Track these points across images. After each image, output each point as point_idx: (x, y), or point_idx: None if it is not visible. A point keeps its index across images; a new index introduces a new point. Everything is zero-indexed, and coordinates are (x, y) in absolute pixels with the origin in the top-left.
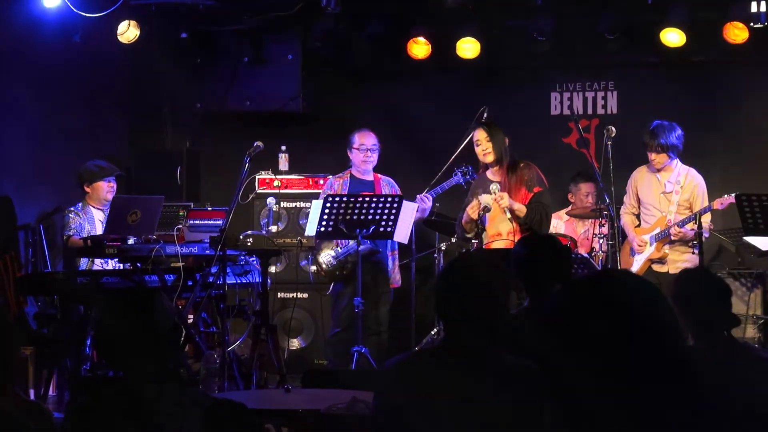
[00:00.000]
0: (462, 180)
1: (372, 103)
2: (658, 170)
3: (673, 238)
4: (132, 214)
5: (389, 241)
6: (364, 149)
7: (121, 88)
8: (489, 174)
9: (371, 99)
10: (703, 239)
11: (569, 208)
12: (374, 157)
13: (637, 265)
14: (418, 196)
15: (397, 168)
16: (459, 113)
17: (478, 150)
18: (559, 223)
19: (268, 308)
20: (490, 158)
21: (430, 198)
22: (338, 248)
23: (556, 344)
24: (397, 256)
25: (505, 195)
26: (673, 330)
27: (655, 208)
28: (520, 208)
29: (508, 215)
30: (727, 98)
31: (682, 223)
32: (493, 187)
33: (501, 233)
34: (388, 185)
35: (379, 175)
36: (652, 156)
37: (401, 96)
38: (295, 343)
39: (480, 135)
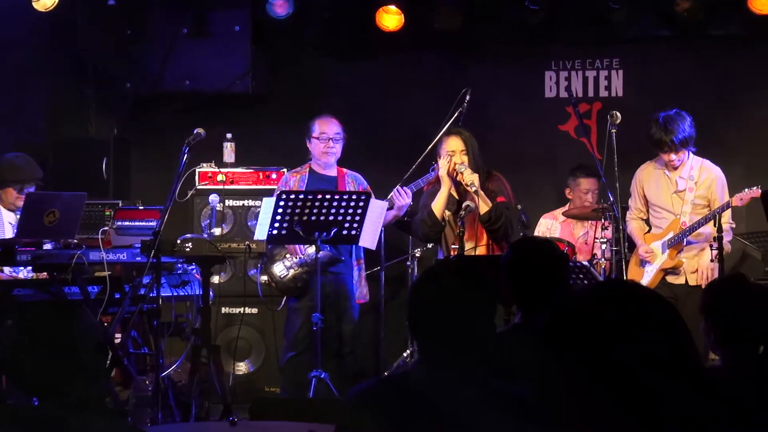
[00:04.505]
0: None
1: (334, 84)
2: (674, 168)
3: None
4: (49, 214)
5: (354, 248)
6: (325, 138)
7: (37, 64)
8: (452, 191)
9: (333, 78)
10: (725, 243)
11: (566, 207)
12: (337, 148)
13: (648, 276)
14: (394, 189)
15: (363, 160)
16: (437, 95)
17: (446, 162)
18: (554, 225)
19: (210, 326)
20: (468, 176)
21: (409, 193)
22: (293, 257)
23: (550, 367)
24: (363, 265)
25: (476, 176)
26: (689, 352)
27: (666, 211)
28: (486, 199)
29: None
30: (752, 78)
31: (698, 225)
32: (461, 167)
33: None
34: (354, 182)
35: (344, 170)
36: (671, 156)
37: (369, 75)
38: (242, 367)
39: (455, 144)
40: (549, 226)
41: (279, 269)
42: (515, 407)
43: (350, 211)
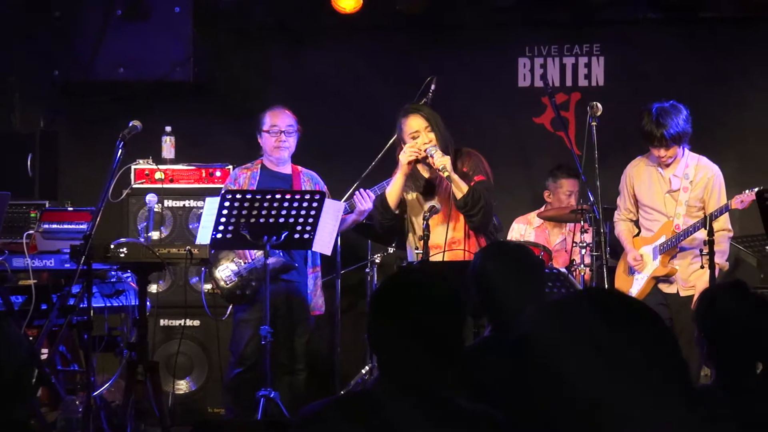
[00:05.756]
0: None
1: (286, 72)
2: (666, 165)
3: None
4: None
5: (309, 254)
6: (276, 131)
7: None
8: (423, 172)
9: (285, 66)
10: (723, 262)
11: (542, 209)
12: (290, 142)
13: (638, 284)
14: (356, 192)
15: (319, 156)
16: (400, 84)
17: (410, 148)
18: (527, 230)
19: (147, 340)
20: (439, 159)
21: (372, 196)
22: (241, 261)
23: (523, 384)
24: (319, 273)
25: (448, 159)
26: (679, 371)
27: (658, 212)
28: (461, 183)
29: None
30: (745, 65)
31: (693, 229)
32: (431, 149)
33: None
34: (310, 180)
35: (299, 168)
36: (661, 152)
37: (324, 62)
38: (182, 386)
39: (416, 124)
40: (522, 231)
41: (224, 274)
42: (485, 429)
43: (303, 212)
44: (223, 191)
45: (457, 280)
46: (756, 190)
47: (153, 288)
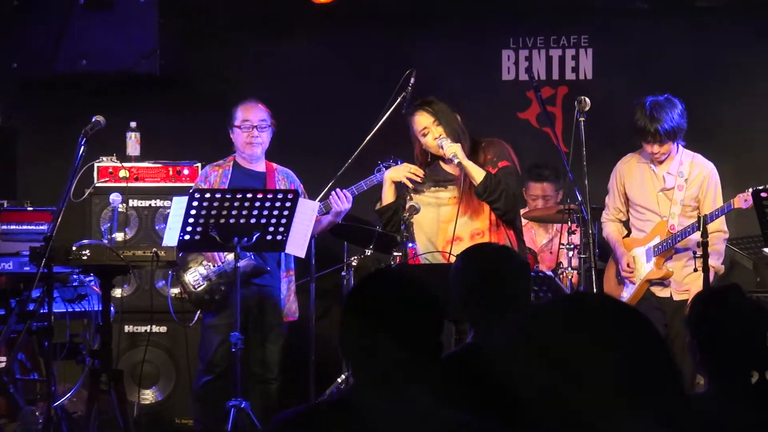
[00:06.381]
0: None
1: (258, 64)
2: (660, 162)
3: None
4: None
5: (283, 256)
6: (248, 126)
7: None
8: (445, 167)
9: (257, 58)
10: (719, 265)
11: (526, 209)
12: (263, 138)
13: (631, 288)
14: (333, 192)
15: (294, 153)
16: (378, 78)
17: (426, 141)
18: None
19: (111, 347)
20: (448, 147)
21: (349, 197)
22: (210, 264)
23: (508, 393)
24: (293, 277)
25: (458, 146)
26: (671, 379)
27: (651, 212)
28: (476, 169)
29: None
30: (744, 58)
31: (691, 230)
32: (441, 141)
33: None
34: (285, 179)
35: (273, 165)
36: (654, 148)
37: (299, 54)
38: (148, 396)
39: (424, 120)
40: None
41: (193, 278)
42: None
43: (275, 212)
44: (191, 190)
45: (437, 283)
46: (752, 190)
47: (117, 292)
